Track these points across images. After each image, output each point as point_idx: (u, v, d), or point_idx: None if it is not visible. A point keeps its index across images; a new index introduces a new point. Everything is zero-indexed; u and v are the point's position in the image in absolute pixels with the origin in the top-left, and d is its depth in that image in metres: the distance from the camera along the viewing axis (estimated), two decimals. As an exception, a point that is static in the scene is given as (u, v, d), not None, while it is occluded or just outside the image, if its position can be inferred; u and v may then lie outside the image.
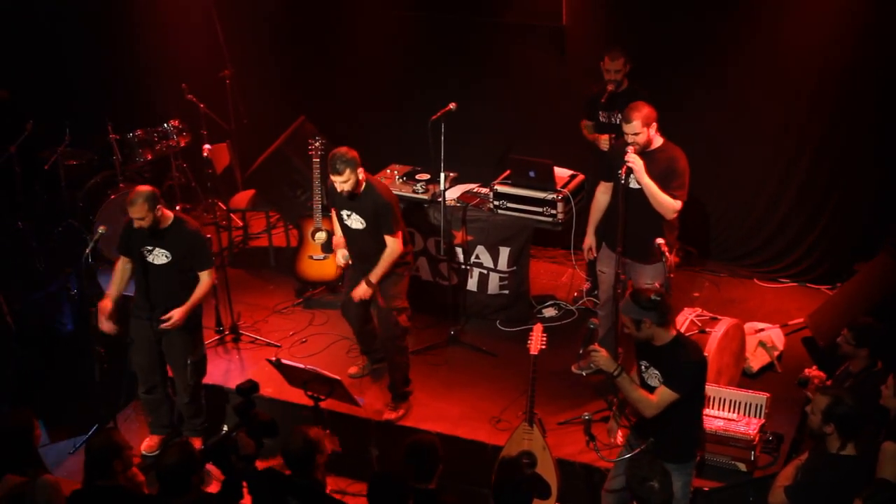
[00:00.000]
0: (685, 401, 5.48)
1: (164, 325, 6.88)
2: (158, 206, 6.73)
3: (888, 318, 6.75)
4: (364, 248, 7.11)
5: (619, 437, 6.15)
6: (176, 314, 6.87)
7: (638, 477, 4.79)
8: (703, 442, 6.21)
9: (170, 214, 6.85)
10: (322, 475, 5.44)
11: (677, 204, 6.81)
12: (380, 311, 7.19)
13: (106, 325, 6.87)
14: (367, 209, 6.98)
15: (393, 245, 6.99)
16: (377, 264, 7.01)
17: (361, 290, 7.06)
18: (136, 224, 6.69)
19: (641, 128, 6.70)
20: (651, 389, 5.53)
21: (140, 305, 7.03)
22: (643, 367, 5.65)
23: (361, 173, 6.91)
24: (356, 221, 7.02)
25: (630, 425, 5.95)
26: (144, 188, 6.83)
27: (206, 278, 7.00)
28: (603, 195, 7.22)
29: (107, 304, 6.90)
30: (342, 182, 6.82)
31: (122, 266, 7.02)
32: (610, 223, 7.11)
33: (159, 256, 6.83)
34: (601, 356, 5.56)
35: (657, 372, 5.54)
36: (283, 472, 5.39)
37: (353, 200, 6.97)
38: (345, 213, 7.06)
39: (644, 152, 6.80)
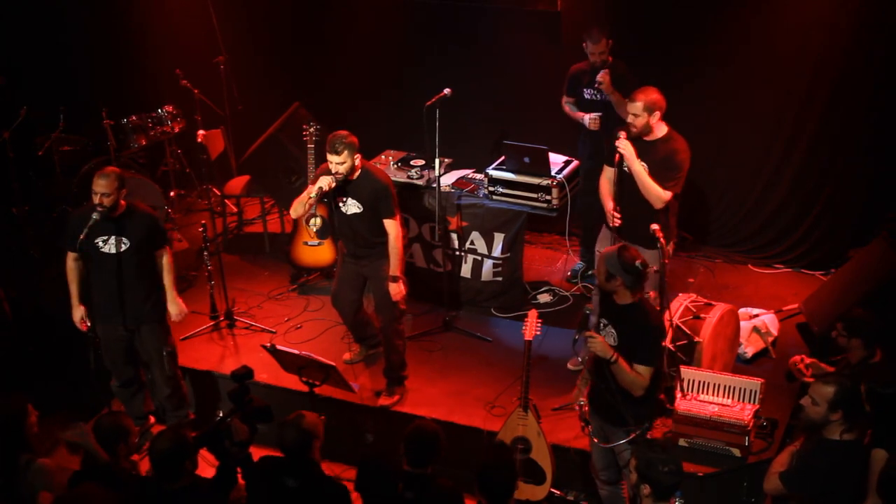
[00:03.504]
0: None
1: (177, 320, 7.07)
2: (123, 190, 6.68)
3: (882, 305, 6.78)
4: (359, 232, 7.08)
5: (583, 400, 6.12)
6: (174, 308, 7.01)
7: (654, 461, 4.78)
8: (659, 412, 6.28)
9: (124, 203, 6.75)
10: (318, 457, 5.45)
11: (666, 195, 6.80)
12: (376, 295, 7.20)
13: (84, 326, 6.95)
14: (365, 194, 6.95)
15: (395, 229, 6.97)
16: (392, 258, 6.97)
17: (395, 290, 7.01)
18: (98, 199, 6.54)
19: (642, 111, 6.71)
20: None
21: (106, 307, 6.91)
22: (601, 324, 5.71)
23: (358, 159, 6.90)
24: (353, 207, 7.00)
25: (593, 405, 5.99)
26: (115, 168, 6.83)
27: (167, 257, 6.97)
28: (608, 179, 7.12)
29: (80, 310, 6.93)
30: (338, 163, 6.78)
31: (73, 264, 6.90)
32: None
33: (120, 245, 6.72)
34: (597, 342, 5.57)
35: (614, 332, 5.64)
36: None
37: (348, 186, 6.95)
38: (340, 199, 7.04)
39: (646, 141, 6.80)
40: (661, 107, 6.78)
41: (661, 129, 6.86)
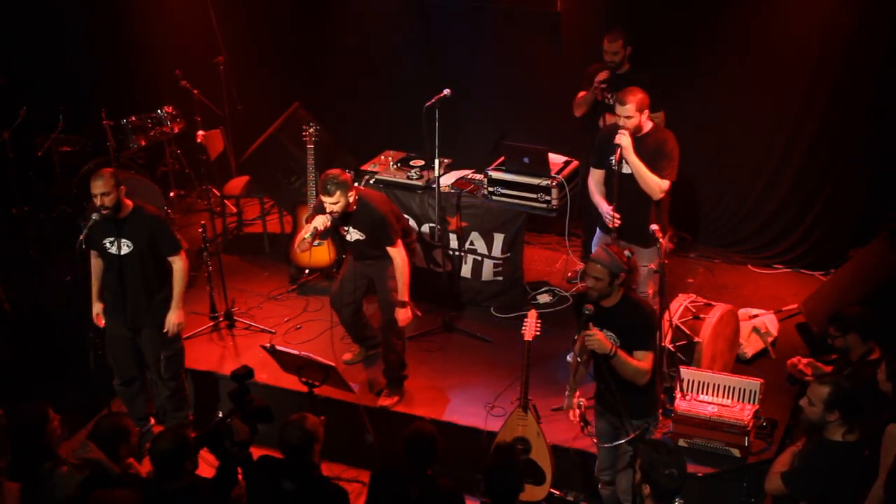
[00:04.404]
0: None
1: (170, 335, 6.95)
2: (122, 187, 6.67)
3: (882, 305, 6.79)
4: (366, 253, 7.12)
5: (574, 417, 6.09)
6: (171, 318, 6.92)
7: (657, 463, 4.77)
8: (659, 403, 6.28)
9: (130, 203, 6.75)
10: (317, 460, 5.45)
11: (664, 183, 6.86)
12: (379, 295, 7.21)
13: (100, 321, 7.00)
14: (365, 223, 6.96)
15: (399, 256, 6.97)
16: (399, 283, 6.97)
17: (403, 315, 7.01)
18: (99, 201, 6.55)
19: (634, 112, 6.77)
20: None
21: (112, 304, 6.95)
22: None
23: (352, 195, 6.86)
24: (355, 234, 7.02)
25: (599, 405, 6.03)
26: (108, 168, 6.85)
27: (179, 263, 6.92)
28: (595, 182, 7.23)
29: (97, 306, 6.99)
30: (332, 203, 6.76)
31: (95, 261, 6.96)
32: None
33: (123, 247, 6.73)
34: (595, 338, 5.55)
35: (612, 333, 5.63)
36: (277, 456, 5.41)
37: (348, 217, 6.94)
38: (342, 229, 7.04)
39: (636, 137, 6.85)
40: (647, 104, 6.88)
41: (647, 125, 6.95)
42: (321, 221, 6.83)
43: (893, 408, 5.44)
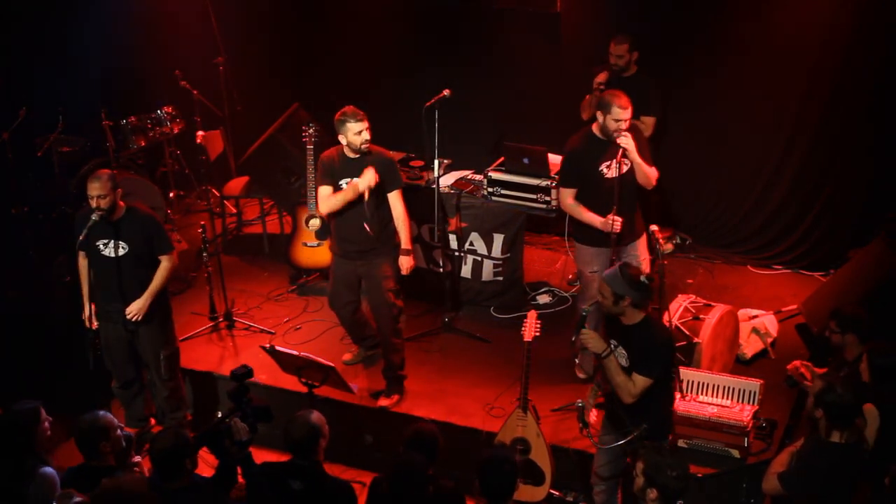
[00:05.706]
0: (656, 383, 5.50)
1: (129, 318, 6.83)
2: (118, 190, 6.66)
3: (882, 305, 6.78)
4: (352, 217, 6.98)
5: (592, 416, 6.09)
6: (135, 305, 6.81)
7: (662, 465, 4.77)
8: (673, 425, 6.13)
9: (123, 205, 6.74)
10: (322, 459, 5.46)
11: (656, 172, 6.89)
12: (373, 295, 7.21)
13: (93, 324, 6.93)
14: (377, 168, 6.92)
15: (400, 204, 7.02)
16: (401, 231, 7.04)
17: (407, 263, 7.08)
18: (95, 203, 6.53)
19: (631, 113, 6.73)
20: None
21: (109, 306, 6.92)
22: (612, 345, 5.62)
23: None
24: None
25: (605, 410, 5.97)
26: (107, 170, 6.85)
27: (165, 263, 6.90)
28: (573, 201, 7.02)
29: (88, 308, 6.92)
30: (366, 129, 6.82)
31: (83, 262, 6.92)
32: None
33: (119, 248, 6.72)
34: (590, 336, 5.54)
35: (625, 352, 5.57)
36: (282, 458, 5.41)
37: (358, 162, 6.91)
38: (345, 181, 6.98)
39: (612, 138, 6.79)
40: None
41: None
42: (371, 178, 6.82)
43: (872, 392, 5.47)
